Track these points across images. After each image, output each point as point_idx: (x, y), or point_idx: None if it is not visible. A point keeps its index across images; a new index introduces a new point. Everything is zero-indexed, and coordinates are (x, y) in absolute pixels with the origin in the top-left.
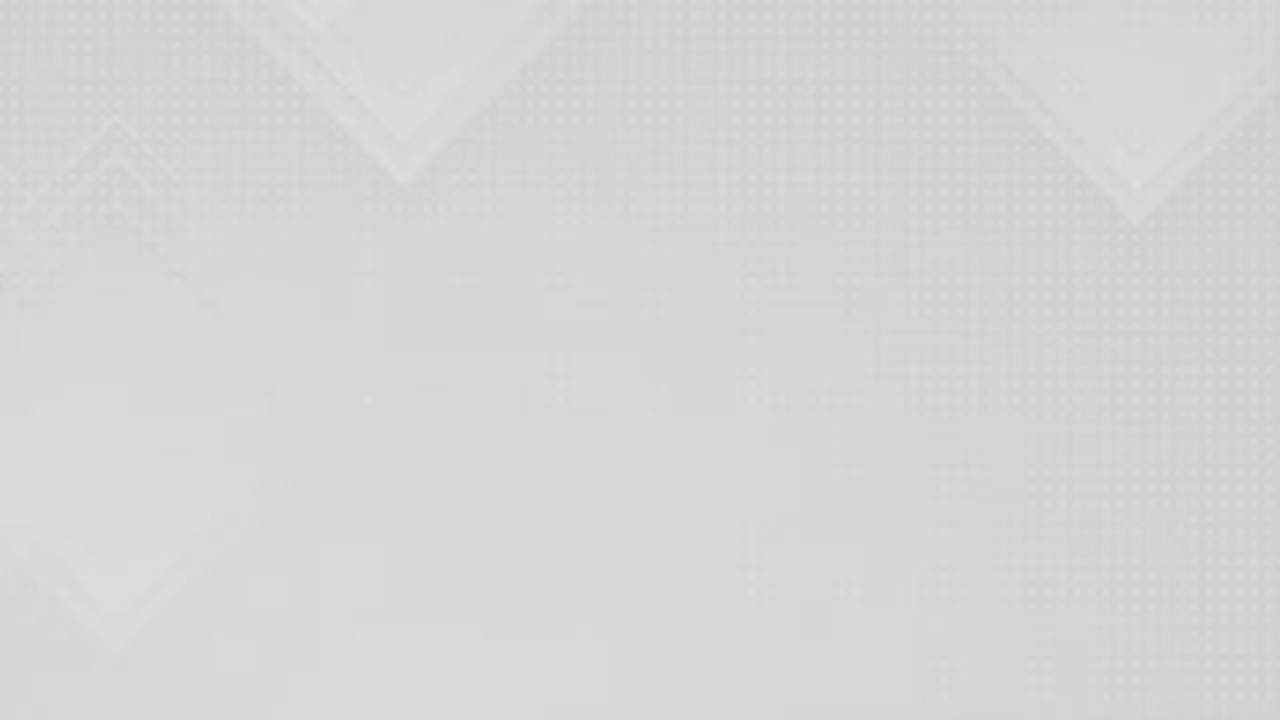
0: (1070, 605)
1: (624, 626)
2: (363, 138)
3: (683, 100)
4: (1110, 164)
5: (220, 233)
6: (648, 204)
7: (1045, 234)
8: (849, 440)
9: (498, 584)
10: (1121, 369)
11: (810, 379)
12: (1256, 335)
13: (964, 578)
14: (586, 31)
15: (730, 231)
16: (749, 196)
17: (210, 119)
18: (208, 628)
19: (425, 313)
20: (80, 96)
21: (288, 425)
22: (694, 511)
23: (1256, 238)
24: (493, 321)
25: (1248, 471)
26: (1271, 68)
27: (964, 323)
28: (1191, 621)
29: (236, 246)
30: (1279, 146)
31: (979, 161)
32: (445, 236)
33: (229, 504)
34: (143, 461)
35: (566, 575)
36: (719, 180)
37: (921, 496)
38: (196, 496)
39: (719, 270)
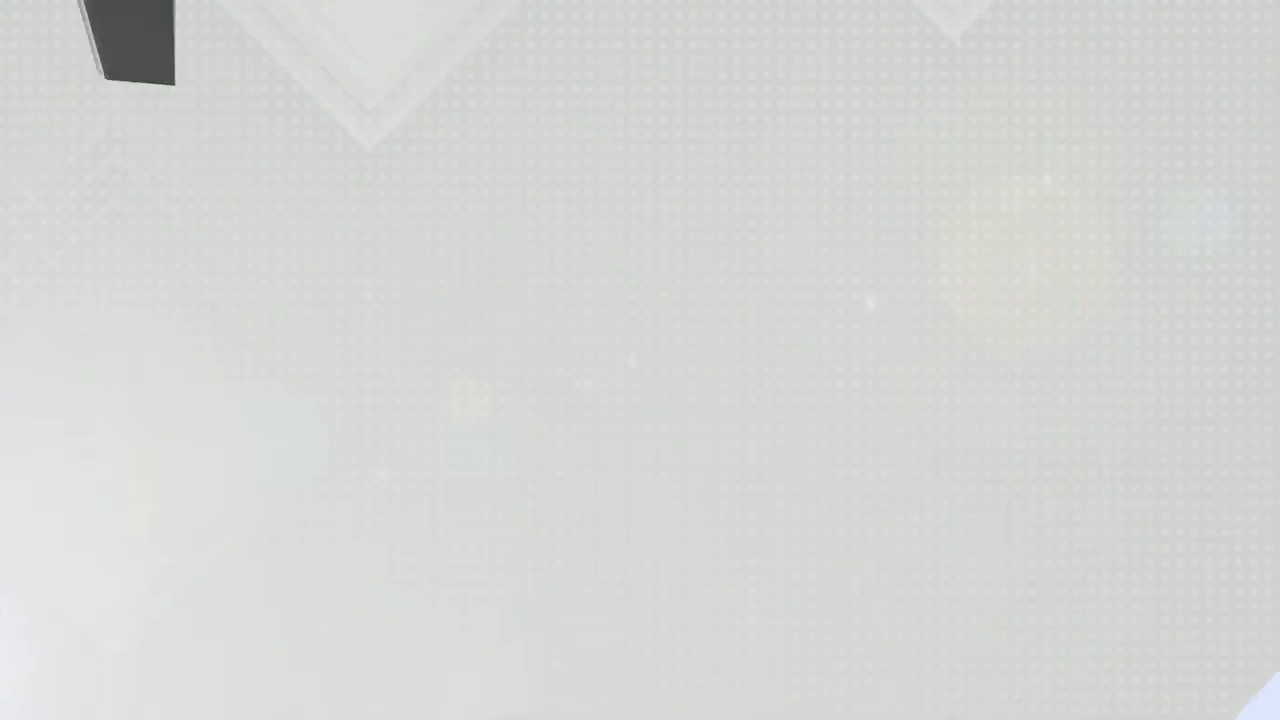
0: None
1: (624, 625)
2: (330, 105)
3: (654, 70)
4: None
5: (219, 232)
6: (618, 171)
7: (869, 56)
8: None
9: (499, 583)
10: (945, 175)
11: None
12: (1079, 142)
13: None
14: None
15: (702, 193)
16: (719, 165)
17: (207, 118)
18: (208, 629)
19: (392, 280)
20: (81, 96)
21: (290, 425)
22: (684, 504)
23: (1080, 43)
24: (459, 289)
25: (1071, 243)
26: None
27: (771, 144)
28: (1192, 621)
29: (236, 246)
30: None
31: None
32: (412, 204)
33: (230, 504)
34: (143, 462)
35: (559, 573)
36: (689, 147)
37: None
38: (197, 497)
39: (689, 233)
